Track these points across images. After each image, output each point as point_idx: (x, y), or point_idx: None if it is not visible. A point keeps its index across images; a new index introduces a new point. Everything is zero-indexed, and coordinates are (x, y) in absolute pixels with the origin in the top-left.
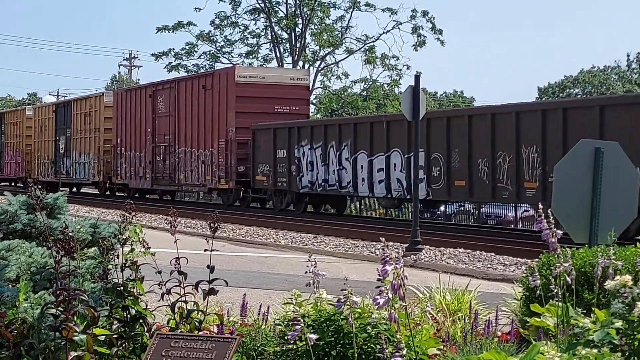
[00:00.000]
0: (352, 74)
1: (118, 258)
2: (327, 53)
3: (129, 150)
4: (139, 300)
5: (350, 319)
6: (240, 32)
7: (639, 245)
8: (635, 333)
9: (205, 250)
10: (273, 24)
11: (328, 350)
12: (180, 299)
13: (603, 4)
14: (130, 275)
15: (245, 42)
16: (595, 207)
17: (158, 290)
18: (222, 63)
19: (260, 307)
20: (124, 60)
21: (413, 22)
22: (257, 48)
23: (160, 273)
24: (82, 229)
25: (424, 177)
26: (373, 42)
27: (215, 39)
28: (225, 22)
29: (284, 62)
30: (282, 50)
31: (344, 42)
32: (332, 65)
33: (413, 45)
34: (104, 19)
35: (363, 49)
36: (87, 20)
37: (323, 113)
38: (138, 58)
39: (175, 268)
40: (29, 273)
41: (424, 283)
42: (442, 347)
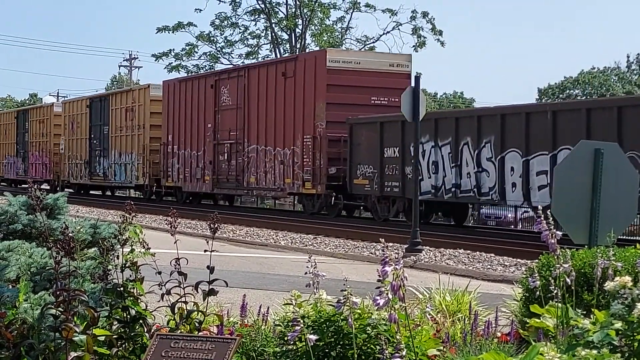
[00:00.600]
0: None
1: (118, 259)
2: None
3: (183, 149)
4: (139, 301)
5: (350, 320)
6: (241, 32)
7: (639, 247)
8: (635, 334)
9: (205, 251)
10: (273, 25)
11: (328, 351)
12: (180, 300)
13: (602, 5)
14: (130, 276)
15: (246, 42)
16: (595, 208)
17: (158, 291)
18: (222, 64)
19: (260, 307)
20: (124, 61)
21: (413, 23)
22: (257, 49)
23: (160, 274)
24: (82, 230)
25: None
26: (373, 43)
27: (216, 40)
28: (226, 22)
29: None
30: (282, 51)
31: (344, 42)
32: None
33: (413, 46)
34: (104, 20)
35: (363, 50)
36: (87, 21)
37: None
38: (138, 59)
39: (175, 269)
40: (29, 273)
41: (424, 284)
42: (441, 348)
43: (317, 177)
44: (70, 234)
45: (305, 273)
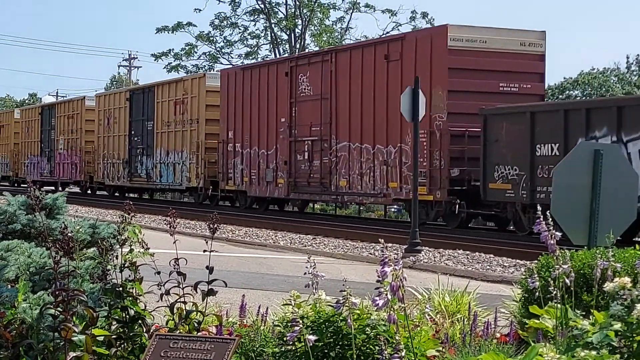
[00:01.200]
0: None
1: (117, 259)
2: None
3: (249, 148)
4: (138, 301)
5: (349, 320)
6: (240, 32)
7: (638, 248)
8: (634, 335)
9: (205, 251)
10: (273, 25)
11: (327, 352)
12: (179, 300)
13: (602, 6)
14: (129, 276)
15: (245, 42)
16: (594, 209)
17: (157, 291)
18: (221, 64)
19: (259, 308)
20: (124, 61)
21: (413, 23)
22: (256, 49)
23: (159, 274)
24: (81, 230)
25: None
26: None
27: (215, 40)
28: (225, 22)
29: None
30: (281, 51)
31: (344, 43)
32: None
33: None
34: (104, 20)
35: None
36: (86, 21)
37: None
38: (138, 58)
39: (174, 269)
40: (28, 273)
41: (423, 284)
42: (441, 348)
43: (435, 180)
44: (69, 234)
45: (305, 273)
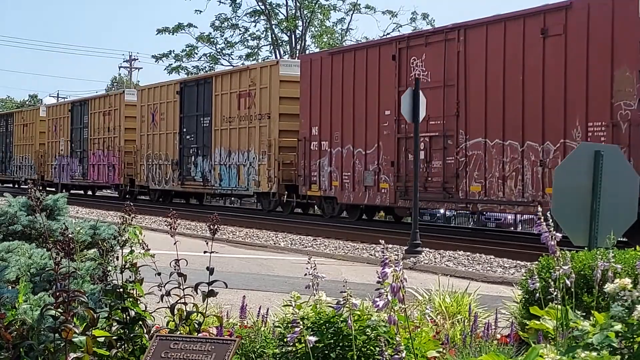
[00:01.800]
0: None
1: (118, 260)
2: None
3: (340, 146)
4: (139, 302)
5: (350, 321)
6: (241, 34)
7: (639, 249)
8: (635, 336)
9: (205, 252)
10: (273, 26)
11: (327, 353)
12: (180, 301)
13: None
14: (130, 277)
15: (246, 44)
16: (595, 210)
17: (157, 292)
18: (222, 65)
19: (260, 309)
20: (124, 62)
21: (413, 24)
22: (257, 50)
23: (160, 275)
24: (81, 231)
25: None
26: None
27: (216, 41)
28: (226, 24)
29: None
30: (282, 52)
31: (344, 44)
32: None
33: None
34: (104, 21)
35: None
36: (87, 22)
37: None
38: (138, 60)
39: (175, 270)
40: (29, 274)
41: (424, 285)
42: (441, 349)
43: None
44: (70, 235)
45: (305, 274)
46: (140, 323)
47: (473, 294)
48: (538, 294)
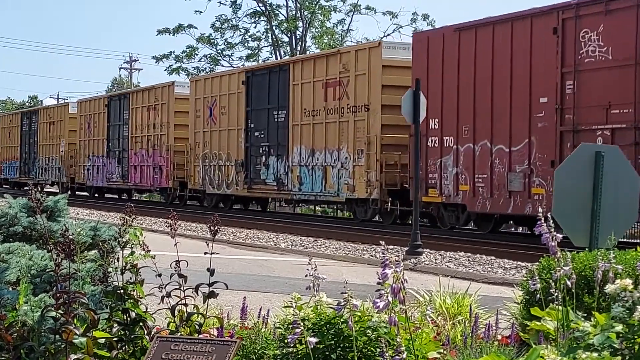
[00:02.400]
0: None
1: (118, 261)
2: None
3: (471, 142)
4: (139, 303)
5: (351, 323)
6: (241, 35)
7: (639, 249)
8: (636, 337)
9: (206, 253)
10: (274, 27)
11: (328, 354)
12: (181, 302)
13: None
14: (131, 278)
15: (246, 45)
16: (596, 210)
17: (158, 293)
18: (222, 66)
19: (260, 310)
20: (125, 63)
21: (414, 25)
22: (257, 51)
23: (161, 276)
24: (82, 232)
25: None
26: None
27: (216, 42)
28: (226, 25)
29: None
30: (282, 53)
31: (345, 44)
32: None
33: None
34: (105, 22)
35: None
36: (87, 23)
37: None
38: (139, 61)
39: (176, 271)
40: (29, 276)
41: (424, 286)
42: (442, 350)
43: None
44: (71, 237)
45: (306, 275)
46: (141, 324)
47: (474, 295)
48: (539, 295)
